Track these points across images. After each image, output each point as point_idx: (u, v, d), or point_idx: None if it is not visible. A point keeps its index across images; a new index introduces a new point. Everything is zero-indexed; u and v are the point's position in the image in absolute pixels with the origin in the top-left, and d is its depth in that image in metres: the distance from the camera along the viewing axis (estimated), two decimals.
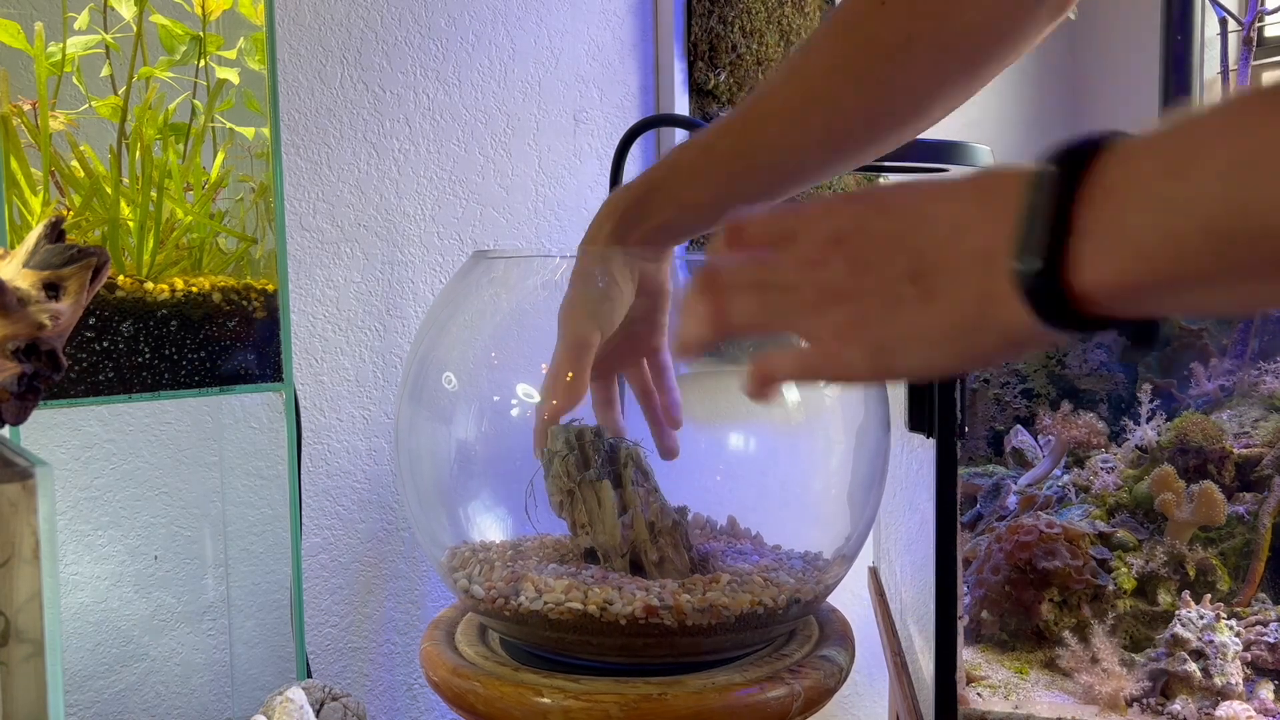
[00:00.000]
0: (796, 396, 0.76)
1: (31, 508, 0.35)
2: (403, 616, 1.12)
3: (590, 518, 0.70)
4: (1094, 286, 0.35)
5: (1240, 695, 0.81)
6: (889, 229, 0.41)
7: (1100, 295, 0.35)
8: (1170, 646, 0.83)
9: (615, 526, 0.69)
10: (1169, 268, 0.33)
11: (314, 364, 1.05)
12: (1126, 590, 0.92)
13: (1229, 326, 1.06)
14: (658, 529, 0.69)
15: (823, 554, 0.75)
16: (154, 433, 0.94)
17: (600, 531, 0.69)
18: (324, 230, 1.05)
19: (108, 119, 0.82)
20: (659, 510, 0.70)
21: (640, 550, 0.69)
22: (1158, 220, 0.33)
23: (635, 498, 0.69)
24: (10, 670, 0.35)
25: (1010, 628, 0.93)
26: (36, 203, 0.78)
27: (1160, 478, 0.96)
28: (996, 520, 1.02)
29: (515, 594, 0.67)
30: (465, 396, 0.78)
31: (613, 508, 0.69)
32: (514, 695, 0.65)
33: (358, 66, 1.07)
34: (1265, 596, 0.93)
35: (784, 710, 0.65)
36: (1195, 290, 0.34)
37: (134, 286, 0.80)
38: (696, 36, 1.33)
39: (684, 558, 0.70)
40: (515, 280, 0.80)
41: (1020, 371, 1.11)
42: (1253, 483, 0.98)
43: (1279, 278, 0.31)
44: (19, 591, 0.35)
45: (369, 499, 1.09)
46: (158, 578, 0.94)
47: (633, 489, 0.70)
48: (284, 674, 0.97)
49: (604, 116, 1.29)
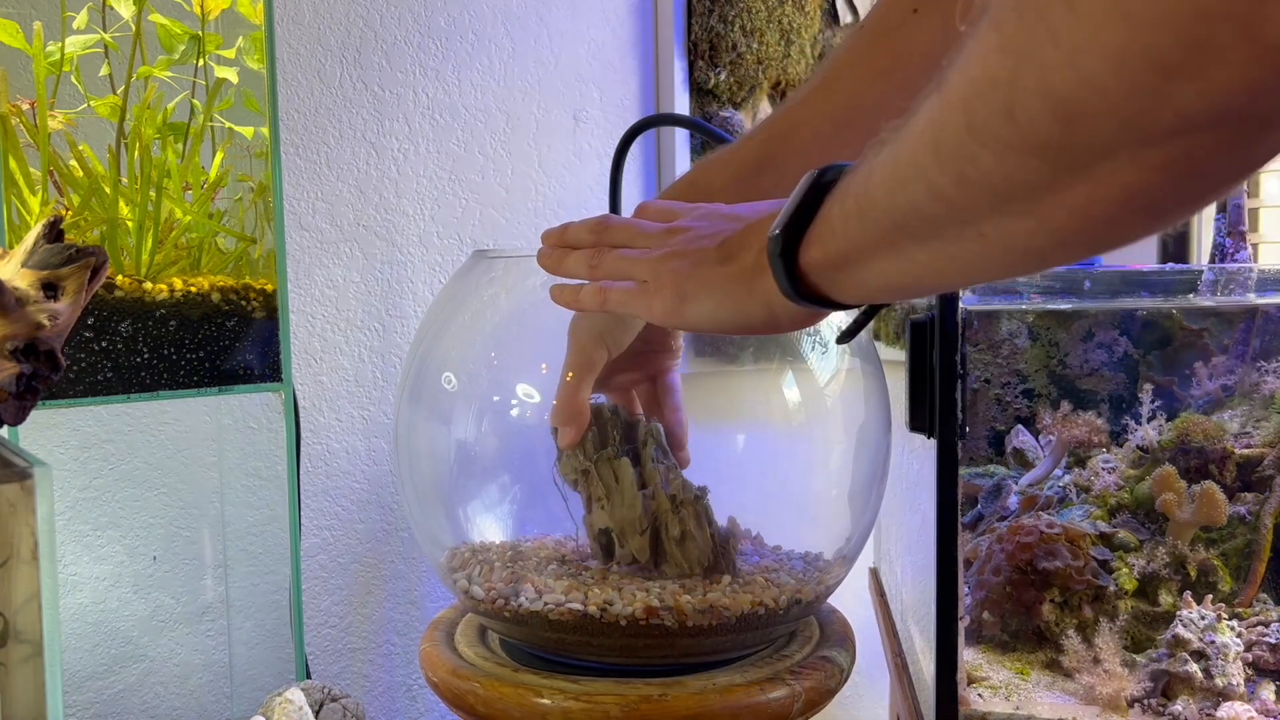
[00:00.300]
0: (798, 397, 0.76)
1: (30, 508, 0.35)
2: (402, 617, 1.12)
3: (608, 491, 0.69)
4: (813, 260, 0.48)
5: (1241, 696, 0.81)
6: (720, 218, 0.57)
7: (818, 267, 0.47)
8: (1171, 647, 0.83)
9: (636, 499, 0.67)
10: (846, 246, 0.45)
11: (313, 364, 1.04)
12: (1128, 591, 0.92)
13: (1229, 326, 1.06)
14: (680, 500, 0.68)
15: (823, 555, 0.75)
16: (153, 433, 0.94)
17: (619, 505, 0.68)
18: (323, 230, 1.05)
19: (106, 118, 0.81)
20: (680, 485, 0.68)
21: (661, 524, 0.68)
22: (842, 211, 0.45)
23: (656, 473, 0.68)
24: (9, 671, 0.35)
25: (1011, 628, 0.92)
26: (35, 202, 0.78)
27: (1161, 478, 0.96)
28: (998, 521, 1.02)
29: (515, 594, 0.67)
30: (465, 396, 0.78)
31: (632, 483, 0.68)
32: (514, 696, 0.65)
33: (357, 66, 1.07)
34: (1266, 597, 0.93)
35: (785, 711, 0.65)
36: (864, 263, 0.45)
37: (133, 286, 0.80)
38: (697, 36, 1.33)
39: (705, 533, 0.68)
40: (515, 280, 0.79)
41: (1021, 371, 1.11)
42: (1254, 483, 0.97)
43: (899, 249, 0.42)
44: (18, 592, 0.35)
45: (368, 499, 1.09)
46: (157, 578, 0.94)
47: (653, 466, 0.69)
48: (283, 675, 0.97)
49: (604, 116, 1.29)
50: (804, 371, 0.77)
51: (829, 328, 0.78)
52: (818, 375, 0.77)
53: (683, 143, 1.33)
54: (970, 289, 0.78)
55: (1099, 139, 0.30)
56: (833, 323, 0.78)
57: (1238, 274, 0.85)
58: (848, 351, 0.78)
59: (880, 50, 0.65)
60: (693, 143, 1.34)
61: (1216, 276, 0.84)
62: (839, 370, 0.78)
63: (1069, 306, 0.97)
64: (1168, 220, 0.33)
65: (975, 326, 1.10)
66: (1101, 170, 0.31)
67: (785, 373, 0.76)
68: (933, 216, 0.38)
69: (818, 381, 0.77)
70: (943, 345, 0.74)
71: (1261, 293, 0.85)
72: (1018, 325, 1.12)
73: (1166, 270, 0.88)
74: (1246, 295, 0.85)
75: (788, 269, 0.48)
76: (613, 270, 0.59)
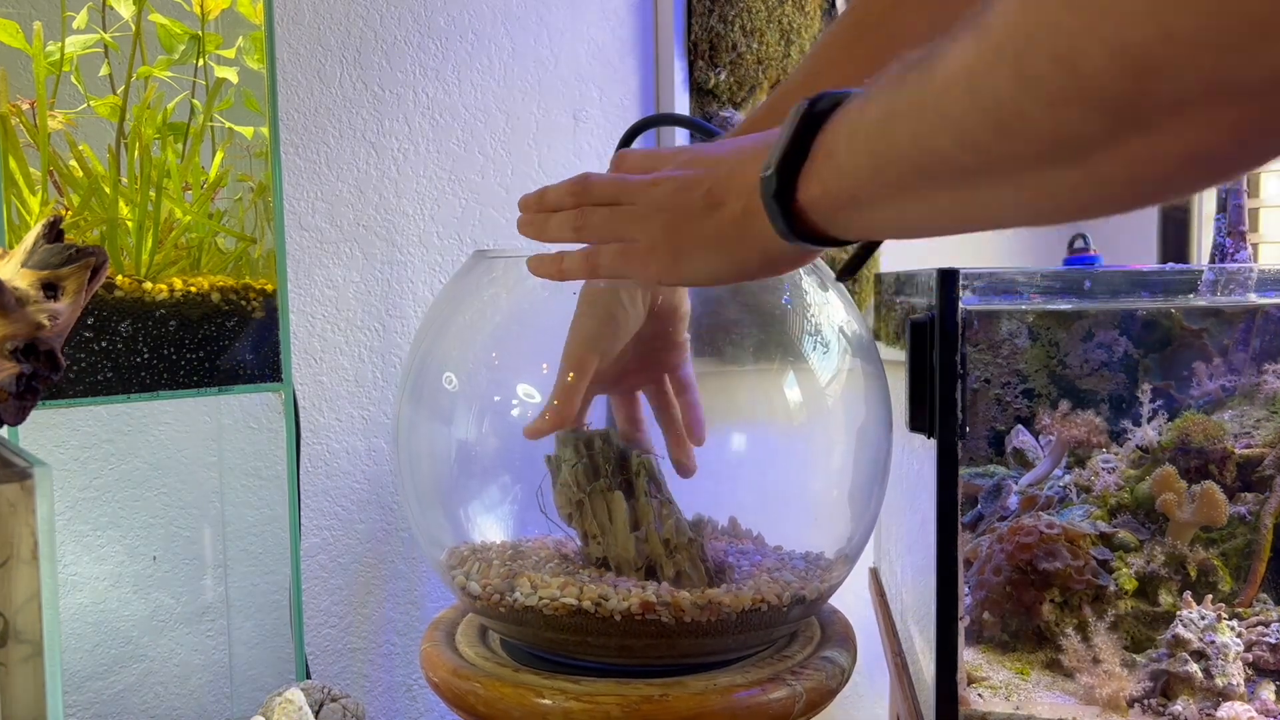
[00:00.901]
0: (798, 397, 0.76)
1: (30, 508, 0.35)
2: (402, 617, 1.12)
3: (602, 530, 0.68)
4: (812, 198, 0.45)
5: (1241, 696, 0.81)
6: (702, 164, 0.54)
7: (818, 205, 0.45)
8: (1171, 647, 0.83)
9: (629, 540, 0.67)
10: (854, 185, 0.43)
11: (313, 364, 1.04)
12: (1127, 591, 0.92)
13: (1229, 326, 1.05)
14: (674, 545, 0.68)
15: (824, 554, 0.75)
16: (153, 433, 0.94)
17: (613, 544, 0.68)
18: (323, 230, 1.05)
19: (106, 118, 0.81)
20: (674, 527, 0.68)
21: (656, 564, 0.68)
22: (849, 148, 0.43)
23: (649, 510, 0.68)
24: (9, 671, 0.35)
25: (1011, 628, 0.92)
26: (35, 202, 0.78)
27: (1161, 478, 0.96)
28: (998, 521, 1.02)
29: (511, 590, 0.67)
30: (465, 396, 0.77)
31: (625, 522, 0.67)
32: (514, 696, 0.65)
33: (357, 66, 1.07)
34: (1266, 597, 0.93)
35: (785, 711, 0.65)
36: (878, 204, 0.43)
37: (132, 286, 0.80)
38: (697, 35, 1.33)
39: (701, 571, 0.68)
40: (515, 280, 0.79)
41: (1021, 371, 1.11)
42: (1254, 483, 0.97)
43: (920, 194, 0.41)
44: (18, 592, 0.35)
45: (368, 499, 1.09)
46: (156, 578, 0.94)
47: (646, 500, 0.68)
48: (283, 675, 0.97)
49: (604, 115, 1.29)
50: (804, 371, 0.77)
51: (829, 326, 0.78)
52: (818, 375, 0.77)
53: (682, 143, 1.33)
54: (970, 290, 0.78)
55: (1174, 94, 0.29)
56: (833, 321, 0.78)
57: (1238, 274, 0.85)
58: (848, 351, 0.78)
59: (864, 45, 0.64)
60: (693, 142, 1.34)
61: (1216, 276, 0.84)
62: (839, 370, 0.78)
63: (1069, 307, 0.97)
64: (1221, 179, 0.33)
65: (975, 326, 1.10)
66: (1168, 126, 0.30)
67: (785, 373, 0.76)
68: (963, 165, 0.37)
69: (818, 381, 0.77)
70: (943, 345, 0.74)
71: (1261, 293, 0.85)
72: (1018, 325, 1.12)
73: (1166, 270, 0.87)
74: (1246, 295, 0.85)
75: (784, 209, 0.46)
76: (600, 230, 0.57)
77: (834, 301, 0.79)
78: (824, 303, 0.79)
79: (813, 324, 0.78)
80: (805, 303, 0.78)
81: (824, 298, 0.79)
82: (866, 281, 1.49)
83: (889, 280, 1.14)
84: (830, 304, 0.79)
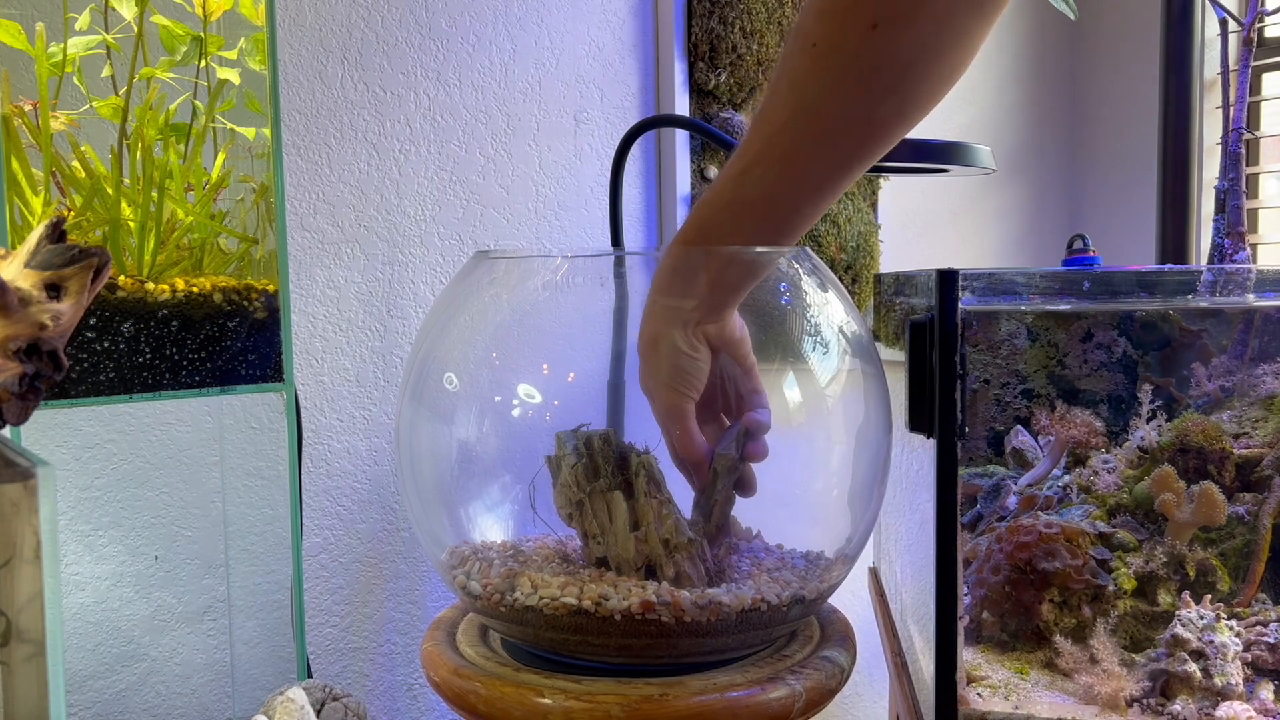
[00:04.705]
0: (798, 397, 0.76)
1: (33, 508, 0.35)
2: (403, 617, 1.12)
3: (602, 530, 0.69)
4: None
5: (1240, 695, 0.81)
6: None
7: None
8: (1170, 647, 0.83)
9: (628, 541, 0.67)
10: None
11: (315, 364, 1.05)
12: (1127, 590, 0.92)
13: (1229, 326, 1.06)
14: (673, 545, 0.68)
15: (824, 554, 0.75)
16: (155, 433, 0.94)
17: (613, 544, 0.68)
18: (324, 230, 1.05)
19: (109, 119, 0.82)
20: (674, 527, 0.68)
21: (656, 565, 0.68)
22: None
23: (649, 510, 0.68)
24: (11, 670, 0.35)
25: (1010, 628, 0.92)
26: (38, 203, 0.78)
27: (1160, 478, 0.96)
28: (997, 521, 1.02)
29: (511, 590, 0.67)
30: (466, 397, 0.78)
31: (624, 523, 0.68)
32: (515, 696, 0.65)
33: (358, 67, 1.07)
34: (1265, 597, 0.93)
35: (785, 711, 0.65)
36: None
37: (135, 287, 0.80)
38: (697, 37, 1.33)
39: (700, 571, 0.68)
40: (516, 281, 0.80)
41: (1020, 372, 1.11)
42: (1253, 483, 0.97)
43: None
44: (20, 592, 0.35)
45: (369, 499, 1.09)
46: (158, 578, 0.94)
47: (645, 500, 0.69)
48: (284, 674, 0.97)
49: (604, 117, 1.29)
50: (804, 371, 0.77)
51: (829, 326, 0.78)
52: (818, 375, 0.78)
53: (683, 144, 1.34)
54: (970, 290, 0.78)
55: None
56: (832, 321, 0.79)
57: (1236, 275, 0.85)
58: (848, 352, 0.78)
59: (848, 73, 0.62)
60: (693, 144, 1.34)
61: (1215, 277, 0.84)
62: (839, 370, 0.78)
63: (1068, 307, 0.97)
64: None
65: (975, 327, 1.10)
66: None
67: (785, 373, 0.76)
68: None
69: (818, 381, 0.78)
70: (942, 346, 0.74)
71: (1260, 293, 0.85)
72: (1017, 326, 1.12)
73: (1165, 271, 0.88)
74: (1245, 296, 0.85)
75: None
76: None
77: (834, 302, 0.79)
78: (824, 303, 0.79)
79: (812, 324, 0.78)
80: (805, 303, 0.79)
81: (824, 298, 0.79)
82: (866, 282, 1.49)
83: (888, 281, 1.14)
84: (830, 304, 0.79)
